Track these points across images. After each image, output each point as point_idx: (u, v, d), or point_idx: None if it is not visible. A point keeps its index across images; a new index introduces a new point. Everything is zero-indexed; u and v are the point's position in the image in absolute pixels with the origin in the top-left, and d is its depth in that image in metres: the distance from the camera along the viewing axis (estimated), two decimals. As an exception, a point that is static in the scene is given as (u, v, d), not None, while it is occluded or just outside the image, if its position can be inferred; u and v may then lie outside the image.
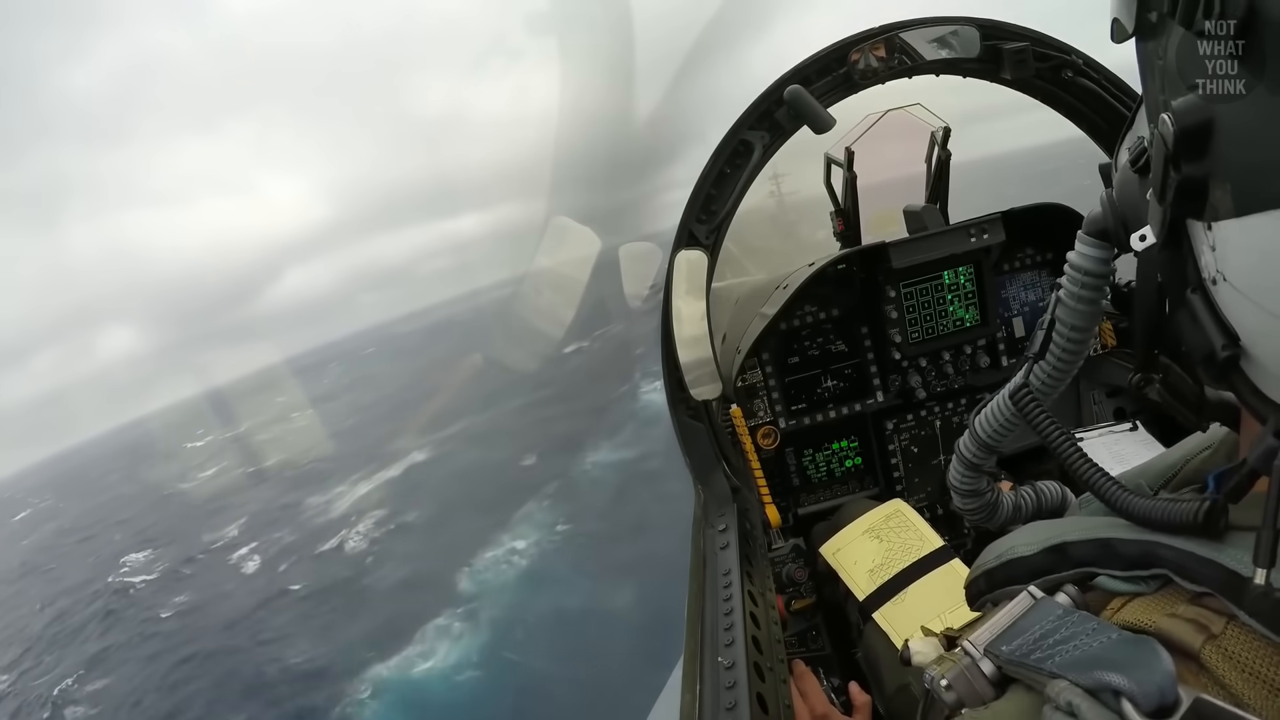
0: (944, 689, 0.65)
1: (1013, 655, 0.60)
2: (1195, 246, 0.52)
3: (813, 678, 1.52)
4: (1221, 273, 0.49)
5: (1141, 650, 0.50)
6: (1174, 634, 0.52)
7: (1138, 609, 0.58)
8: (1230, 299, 0.50)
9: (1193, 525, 0.54)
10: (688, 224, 1.78)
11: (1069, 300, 0.74)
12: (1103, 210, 0.67)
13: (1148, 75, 0.56)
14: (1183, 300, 0.54)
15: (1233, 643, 0.50)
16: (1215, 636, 0.50)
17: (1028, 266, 2.31)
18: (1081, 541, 0.66)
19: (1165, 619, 0.54)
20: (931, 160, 2.42)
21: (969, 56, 1.73)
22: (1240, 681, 0.48)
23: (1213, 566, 0.52)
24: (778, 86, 1.75)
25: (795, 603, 1.84)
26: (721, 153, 1.77)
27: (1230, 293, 0.49)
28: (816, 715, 1.41)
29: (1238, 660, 0.49)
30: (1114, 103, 1.77)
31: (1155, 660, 0.48)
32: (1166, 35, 0.50)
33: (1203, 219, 0.49)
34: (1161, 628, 0.53)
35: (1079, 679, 0.51)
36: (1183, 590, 0.56)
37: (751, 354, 2.22)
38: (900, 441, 2.37)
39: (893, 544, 1.80)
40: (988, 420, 0.91)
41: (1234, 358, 0.50)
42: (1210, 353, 0.51)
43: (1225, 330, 0.50)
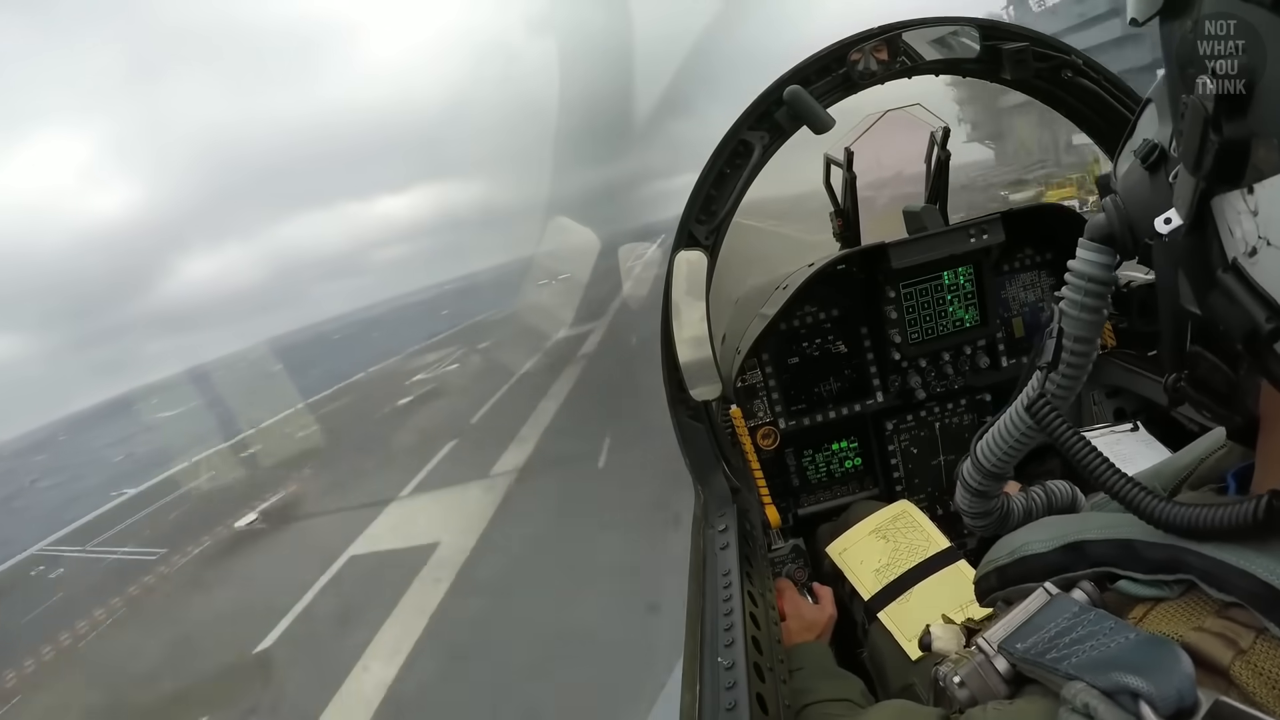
0: (957, 685, 0.65)
1: (1028, 654, 0.59)
2: (1223, 223, 0.51)
3: (791, 588, 1.75)
4: (1265, 237, 0.48)
5: (1160, 652, 0.49)
6: (1202, 648, 0.51)
7: (1162, 619, 0.56)
8: (1275, 264, 0.48)
9: (1249, 526, 0.51)
10: (687, 224, 1.77)
11: (1073, 310, 0.71)
12: (1107, 216, 0.66)
13: (1171, 53, 0.54)
14: (1214, 282, 0.52)
15: (1261, 657, 0.49)
16: (1244, 651, 0.49)
17: (1027, 267, 2.31)
18: (1101, 541, 0.65)
19: (1192, 633, 0.52)
20: (931, 160, 2.43)
21: (969, 57, 1.74)
22: (1270, 697, 0.47)
23: (1245, 578, 0.51)
24: (777, 87, 1.75)
25: None
26: (721, 153, 1.77)
27: (1276, 256, 0.47)
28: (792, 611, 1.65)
29: (1267, 675, 0.48)
30: (1114, 103, 1.78)
31: (1174, 663, 0.47)
32: (1196, 7, 0.50)
33: (1242, 184, 0.48)
34: (1189, 641, 0.51)
35: (1096, 680, 0.50)
36: (1207, 599, 0.54)
37: (751, 354, 2.22)
38: (900, 442, 2.36)
39: (899, 544, 1.81)
40: (1000, 439, 0.86)
41: (1277, 331, 0.48)
42: (1253, 328, 0.48)
43: (1267, 303, 0.48)
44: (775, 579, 1.75)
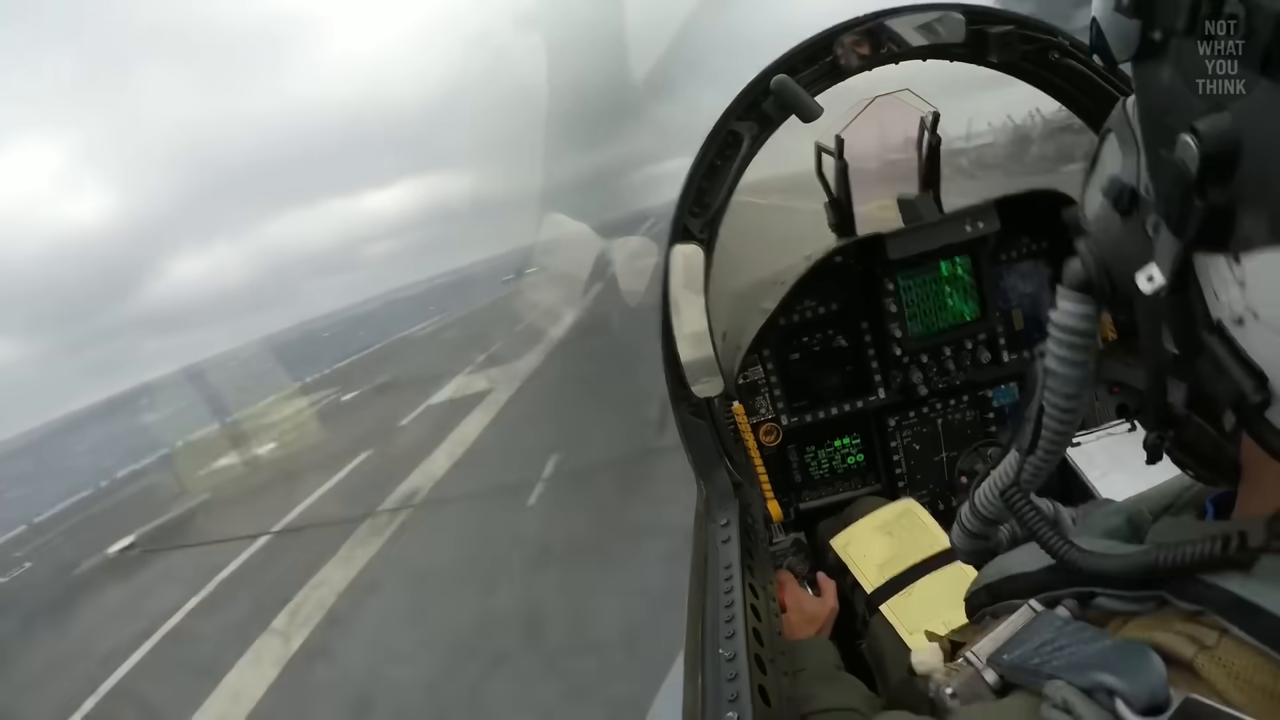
0: (949, 697, 0.69)
1: (1014, 662, 0.63)
2: (1207, 284, 0.49)
3: (793, 581, 1.75)
4: (1253, 309, 0.46)
5: (1135, 655, 0.53)
6: (1169, 646, 0.54)
7: (1135, 628, 0.60)
8: (1261, 338, 0.47)
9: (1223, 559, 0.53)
10: (681, 218, 1.77)
11: (1059, 367, 0.67)
12: (1083, 262, 0.62)
13: (1148, 100, 0.53)
14: (1199, 344, 0.51)
15: (1225, 653, 0.52)
16: (1209, 648, 0.52)
17: (1024, 256, 2.30)
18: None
19: (1160, 635, 0.56)
20: (922, 146, 2.41)
21: (955, 41, 1.73)
22: (1234, 689, 0.50)
23: (1210, 588, 0.54)
24: (764, 76, 1.74)
25: None
26: (711, 144, 1.77)
27: (1261, 331, 0.46)
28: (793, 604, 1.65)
29: (1230, 668, 0.51)
30: (1101, 83, 1.77)
31: (1147, 663, 0.51)
32: (1177, 54, 0.47)
33: (1227, 251, 0.46)
34: (1158, 642, 0.54)
35: (1075, 679, 0.53)
36: (1178, 611, 0.57)
37: (752, 350, 2.22)
38: (902, 438, 2.36)
39: (903, 541, 1.83)
40: (983, 501, 0.90)
41: (1267, 400, 0.47)
42: (1240, 397, 0.48)
43: (1254, 372, 0.47)
44: (776, 571, 1.75)
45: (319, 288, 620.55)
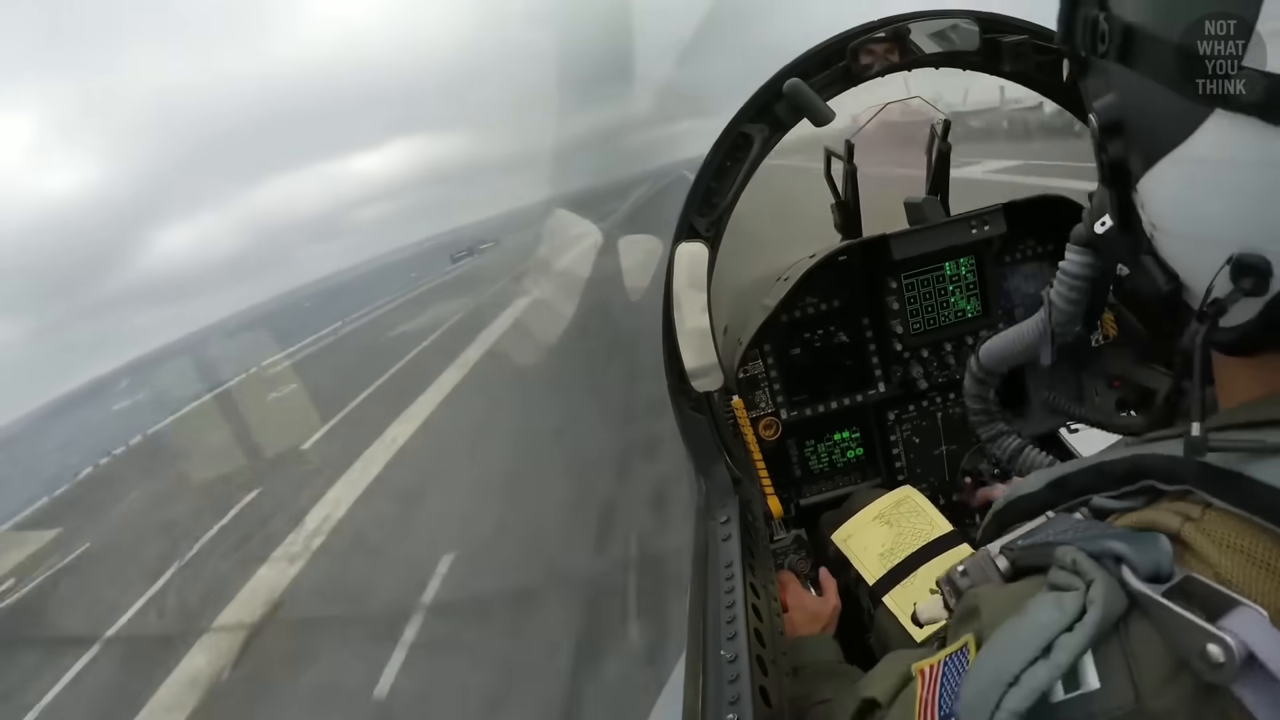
0: (960, 574, 0.77)
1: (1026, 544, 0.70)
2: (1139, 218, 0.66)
3: (794, 580, 1.77)
4: (1153, 223, 0.63)
5: (1142, 535, 0.57)
6: (1158, 521, 0.59)
7: (1129, 519, 0.65)
8: (1165, 243, 0.64)
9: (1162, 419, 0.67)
10: (688, 217, 1.78)
11: (1062, 303, 0.94)
12: (1084, 223, 0.82)
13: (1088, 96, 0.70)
14: (1139, 264, 0.68)
15: (1211, 524, 0.56)
16: (1194, 520, 0.57)
17: (1029, 258, 2.31)
18: (1078, 471, 0.74)
19: (1151, 514, 0.62)
20: (932, 152, 2.42)
21: (970, 50, 1.73)
22: (1219, 555, 0.54)
23: (1190, 465, 0.59)
24: (778, 79, 1.74)
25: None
26: (721, 145, 1.78)
27: (1163, 237, 0.63)
28: (795, 604, 1.67)
29: (1215, 536, 0.55)
30: None
31: (1155, 541, 0.55)
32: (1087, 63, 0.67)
33: (1131, 186, 0.64)
34: (1148, 520, 0.61)
35: (1084, 545, 0.58)
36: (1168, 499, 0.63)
37: (753, 345, 2.23)
38: (902, 432, 2.38)
39: (903, 529, 1.84)
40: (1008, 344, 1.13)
41: (1177, 290, 0.63)
42: (1157, 291, 0.65)
43: (1165, 270, 0.64)
44: (778, 571, 1.76)
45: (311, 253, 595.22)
